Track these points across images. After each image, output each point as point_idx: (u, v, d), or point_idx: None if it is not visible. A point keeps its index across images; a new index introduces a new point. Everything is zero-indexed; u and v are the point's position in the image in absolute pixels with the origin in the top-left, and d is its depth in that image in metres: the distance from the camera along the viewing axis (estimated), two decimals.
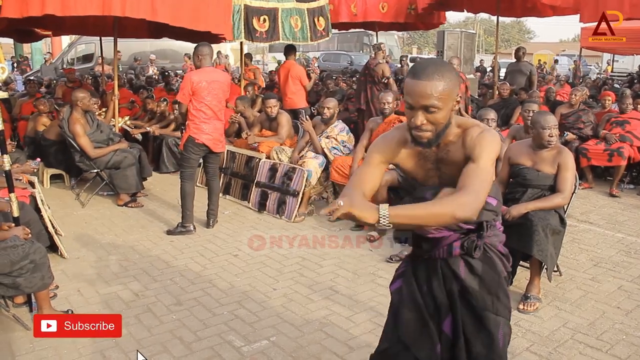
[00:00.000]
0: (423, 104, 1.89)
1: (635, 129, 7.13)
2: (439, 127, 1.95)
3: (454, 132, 2.04)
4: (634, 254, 5.00)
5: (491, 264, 2.14)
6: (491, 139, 1.97)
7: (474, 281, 2.12)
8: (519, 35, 64.96)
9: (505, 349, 2.16)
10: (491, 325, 2.11)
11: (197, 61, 5.38)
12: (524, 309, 3.88)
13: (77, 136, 6.14)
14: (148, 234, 5.46)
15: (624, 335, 3.55)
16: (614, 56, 23.31)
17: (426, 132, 1.95)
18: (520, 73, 10.16)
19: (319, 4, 8.30)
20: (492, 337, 2.10)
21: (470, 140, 1.99)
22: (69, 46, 19.41)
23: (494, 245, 2.16)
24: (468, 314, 2.13)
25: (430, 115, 1.91)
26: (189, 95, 5.27)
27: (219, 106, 5.41)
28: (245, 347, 3.40)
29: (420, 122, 1.92)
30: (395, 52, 26.00)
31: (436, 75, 1.88)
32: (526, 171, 4.15)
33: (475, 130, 2.01)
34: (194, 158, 5.47)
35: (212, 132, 5.38)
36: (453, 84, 1.92)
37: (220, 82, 5.40)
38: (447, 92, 1.90)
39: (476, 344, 2.10)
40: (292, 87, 8.82)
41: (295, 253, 4.97)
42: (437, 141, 2.00)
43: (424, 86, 1.88)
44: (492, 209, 2.11)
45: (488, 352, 2.10)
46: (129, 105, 9.58)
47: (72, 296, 4.07)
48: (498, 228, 2.20)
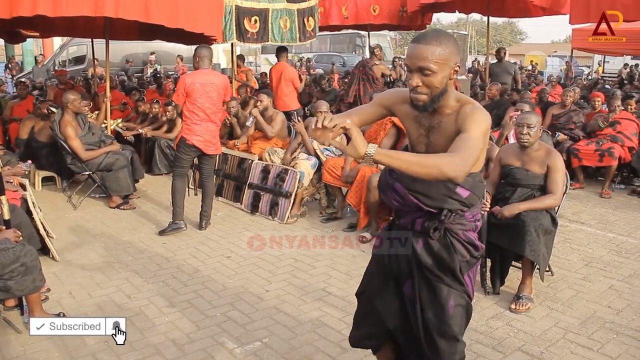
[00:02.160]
0: (419, 66, 2.02)
1: (626, 129, 7.18)
2: (434, 91, 2.06)
3: (451, 105, 2.15)
4: (625, 253, 5.04)
5: (448, 248, 2.24)
6: (482, 115, 2.08)
7: (428, 258, 2.25)
8: (510, 37, 65.17)
9: (457, 321, 2.26)
10: (442, 295, 2.24)
11: (195, 63, 5.44)
12: (516, 308, 3.90)
13: (68, 138, 6.11)
14: (140, 236, 5.45)
15: (614, 335, 3.57)
16: (604, 57, 23.42)
17: (421, 94, 2.07)
18: (505, 73, 10.19)
19: (309, 4, 8.31)
20: (442, 306, 2.24)
21: (463, 114, 2.09)
22: (61, 48, 19.32)
23: (456, 232, 2.25)
24: (423, 282, 2.28)
25: (425, 78, 2.03)
26: (182, 97, 5.32)
27: (212, 108, 5.40)
28: (238, 349, 3.40)
29: (415, 84, 2.05)
30: (388, 54, 25.96)
31: (434, 41, 2.01)
32: (515, 171, 4.18)
33: (469, 107, 2.12)
34: (185, 159, 5.51)
35: (203, 133, 5.39)
36: (450, 51, 2.04)
37: (215, 84, 5.39)
38: (443, 58, 2.01)
39: (428, 311, 2.27)
40: (284, 89, 8.82)
41: (288, 254, 4.96)
42: (432, 106, 2.10)
43: (421, 49, 2.01)
44: (458, 198, 2.19)
45: (437, 320, 2.24)
46: (121, 107, 9.55)
47: (63, 299, 4.06)
48: (469, 219, 2.27)
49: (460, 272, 2.26)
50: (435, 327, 2.24)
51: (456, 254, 2.24)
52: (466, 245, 2.26)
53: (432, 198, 2.18)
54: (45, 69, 17.11)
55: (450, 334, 2.24)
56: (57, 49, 20.04)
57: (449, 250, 2.24)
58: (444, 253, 2.24)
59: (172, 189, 5.51)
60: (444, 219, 2.20)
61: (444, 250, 2.24)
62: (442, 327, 2.23)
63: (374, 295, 2.45)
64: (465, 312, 2.29)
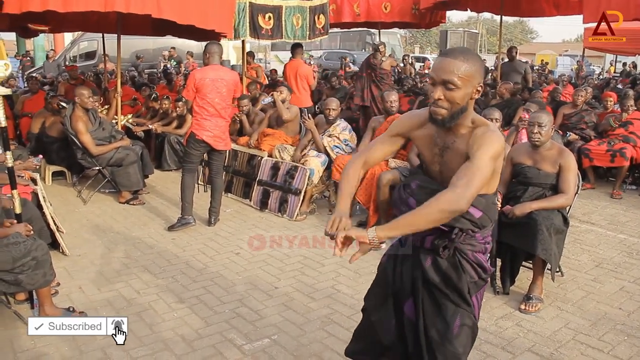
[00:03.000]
0: (443, 79, 2.02)
1: (638, 129, 7.12)
2: (455, 107, 2.06)
3: (467, 126, 2.14)
4: (636, 255, 5.00)
5: (456, 267, 2.23)
6: (493, 139, 2.06)
7: (435, 276, 2.24)
8: (521, 35, 64.85)
9: (463, 341, 2.22)
10: (448, 313, 2.22)
11: (206, 59, 5.48)
12: (526, 309, 3.88)
13: (79, 133, 6.13)
14: (150, 232, 5.46)
15: (625, 337, 3.55)
16: (616, 57, 23.26)
17: (442, 108, 2.07)
18: (515, 72, 10.14)
19: (321, 1, 8.30)
20: (447, 324, 2.21)
21: (474, 138, 2.08)
22: (72, 43, 19.39)
23: (465, 253, 2.23)
24: (428, 300, 2.26)
25: (448, 92, 2.03)
26: (193, 92, 5.35)
27: (222, 104, 5.41)
28: (246, 346, 3.40)
29: (438, 97, 2.05)
30: (398, 51, 25.97)
31: (461, 57, 2.03)
32: (527, 169, 4.16)
33: (482, 129, 2.11)
34: (195, 154, 5.53)
35: (213, 129, 5.40)
36: (476, 70, 2.05)
37: (225, 80, 5.41)
38: (468, 75, 2.02)
39: (431, 329, 2.23)
40: (299, 85, 8.80)
41: (297, 252, 4.96)
42: (450, 122, 2.09)
43: (447, 63, 2.02)
44: (470, 218, 2.16)
45: (441, 339, 2.20)
46: (131, 102, 9.58)
47: (73, 293, 4.07)
48: (479, 240, 2.25)
49: (469, 293, 2.24)
50: (439, 345, 2.20)
51: (465, 274, 2.22)
52: (475, 266, 2.25)
53: None
54: (56, 64, 17.18)
55: (453, 354, 2.19)
56: (68, 44, 20.12)
57: (457, 270, 2.22)
58: (452, 272, 2.22)
59: (182, 185, 5.55)
60: (454, 238, 2.18)
61: (452, 269, 2.22)
62: (446, 346, 2.19)
63: (372, 311, 2.45)
64: (471, 333, 2.26)
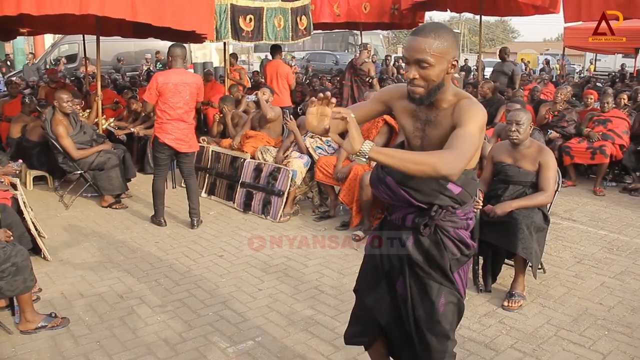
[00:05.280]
0: (416, 58, 2.02)
1: (617, 127, 7.21)
2: (431, 84, 2.06)
3: (448, 99, 2.15)
4: (616, 250, 5.06)
5: (438, 245, 2.24)
6: (479, 110, 2.08)
7: (418, 255, 2.25)
8: (503, 35, 65.37)
9: (449, 318, 2.26)
10: (433, 292, 2.25)
11: (168, 62, 5.51)
12: (509, 306, 3.91)
13: (60, 137, 6.08)
14: (133, 235, 5.43)
15: (606, 331, 3.59)
16: (596, 55, 23.54)
17: (418, 87, 2.07)
18: (502, 73, 10.27)
19: (303, 2, 8.32)
20: (432, 303, 2.24)
21: (459, 109, 2.09)
22: (52, 46, 19.20)
23: (446, 229, 2.24)
24: (413, 279, 2.29)
25: (422, 70, 2.03)
26: (155, 96, 5.39)
27: (185, 108, 5.45)
28: (230, 348, 3.40)
29: (412, 76, 2.05)
30: (381, 52, 26.08)
31: (432, 34, 2.01)
32: (507, 168, 4.19)
33: (466, 101, 2.12)
34: (160, 157, 5.60)
35: (174, 131, 5.45)
36: (448, 45, 2.03)
37: (188, 83, 5.43)
38: (441, 51, 2.01)
39: (419, 308, 2.27)
40: (280, 85, 8.82)
41: (281, 253, 4.96)
42: (428, 99, 2.10)
43: (418, 42, 2.02)
44: (450, 195, 2.18)
45: (427, 317, 2.25)
46: (113, 106, 9.50)
47: (55, 299, 4.03)
48: (460, 217, 2.25)
49: (450, 270, 2.26)
50: (426, 324, 2.24)
51: (446, 251, 2.23)
52: (457, 243, 2.25)
53: (423, 193, 2.17)
54: (36, 68, 17.01)
55: (440, 331, 2.24)
56: (48, 48, 19.92)
57: (439, 247, 2.23)
58: (434, 250, 2.23)
59: (152, 189, 5.67)
60: (434, 215, 2.19)
61: (434, 247, 2.23)
62: (432, 324, 2.24)
63: (365, 293, 2.47)
64: (456, 309, 2.29)
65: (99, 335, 3.53)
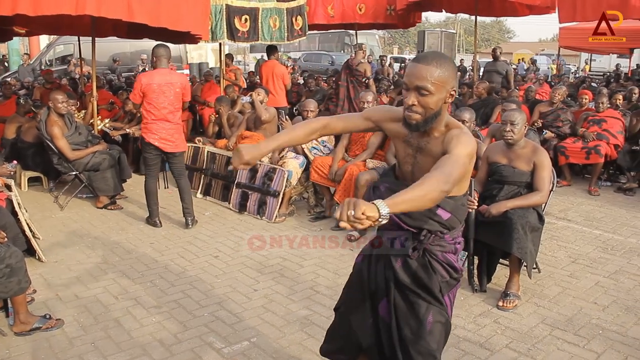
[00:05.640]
0: (417, 85, 2.03)
1: (611, 127, 7.23)
2: (429, 112, 2.07)
3: (440, 129, 2.16)
4: (611, 250, 5.08)
5: (426, 268, 2.24)
6: (468, 139, 2.08)
7: (406, 277, 2.25)
8: (499, 35, 65.54)
9: (436, 338, 2.23)
10: (421, 310, 2.23)
11: (153, 62, 5.53)
12: (503, 306, 3.92)
13: (55, 138, 6.07)
14: (128, 236, 5.42)
15: (600, 330, 3.60)
16: (591, 56, 23.62)
17: (416, 113, 2.07)
18: (496, 73, 10.29)
19: (298, 3, 8.33)
20: (420, 322, 2.22)
21: (449, 137, 2.10)
22: (48, 47, 19.16)
23: (435, 254, 2.24)
24: (401, 299, 2.27)
25: (422, 98, 2.04)
26: (139, 96, 5.42)
27: (169, 108, 5.45)
28: (225, 349, 3.39)
29: (411, 102, 2.06)
30: (376, 52, 26.10)
31: (434, 62, 2.03)
32: (502, 168, 4.20)
33: (456, 130, 2.13)
34: (149, 157, 5.62)
35: (159, 132, 5.46)
36: (449, 74, 2.05)
37: (173, 83, 5.43)
38: (441, 80, 2.03)
39: (405, 327, 2.24)
40: (275, 85, 8.81)
41: (276, 253, 4.96)
42: (424, 126, 2.10)
43: (420, 69, 2.03)
44: (439, 220, 2.17)
45: (414, 336, 2.22)
46: (108, 106, 9.47)
47: (50, 300, 4.02)
48: (449, 241, 2.26)
49: (441, 292, 2.25)
50: (413, 343, 2.21)
51: (435, 274, 2.24)
52: (445, 266, 2.26)
53: (413, 218, 2.17)
54: (31, 68, 16.96)
55: (427, 351, 2.20)
56: (43, 48, 19.87)
57: (427, 271, 2.23)
58: (422, 273, 2.23)
59: (145, 190, 5.68)
60: (423, 240, 2.20)
61: (422, 269, 2.23)
62: (420, 343, 2.20)
63: (350, 312, 2.45)
64: (444, 330, 2.27)
65: (94, 336, 3.53)
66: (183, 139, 5.76)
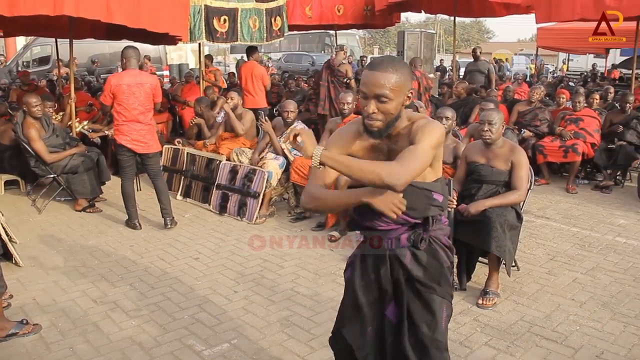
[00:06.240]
0: (375, 93, 2.03)
1: (588, 126, 7.33)
2: (389, 117, 2.08)
3: (404, 125, 2.17)
4: (588, 247, 5.15)
5: (435, 255, 2.26)
6: (433, 127, 2.10)
7: (419, 270, 2.23)
8: (478, 35, 66.10)
9: (445, 331, 2.26)
10: (436, 306, 2.23)
11: (123, 64, 5.52)
12: (483, 304, 3.95)
13: (31, 141, 5.99)
14: (107, 239, 5.37)
15: (577, 326, 3.65)
16: (569, 55, 23.90)
17: (377, 121, 2.08)
18: (478, 72, 10.39)
19: (278, 3, 8.33)
20: (436, 318, 2.22)
21: (415, 128, 2.12)
22: (24, 48, 18.92)
23: (439, 238, 2.28)
24: (415, 299, 2.24)
25: (381, 104, 2.04)
26: (110, 98, 5.38)
27: (140, 109, 5.42)
28: (206, 351, 3.38)
29: (372, 110, 2.05)
30: (357, 52, 26.16)
31: (390, 68, 2.03)
32: (481, 167, 4.24)
33: (421, 121, 2.14)
34: (123, 159, 5.59)
35: (130, 133, 5.43)
36: (405, 79, 2.06)
37: (143, 84, 5.41)
38: (399, 85, 2.03)
39: (422, 326, 2.21)
40: (255, 86, 8.80)
41: (256, 255, 4.95)
42: (386, 132, 2.12)
43: (377, 77, 2.02)
44: (437, 204, 2.22)
45: (433, 333, 2.22)
46: (87, 108, 9.37)
47: (27, 305, 3.97)
48: (443, 222, 2.32)
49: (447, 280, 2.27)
50: (431, 340, 2.19)
51: (441, 259, 2.25)
52: (446, 249, 2.29)
53: (418, 210, 2.18)
54: (7, 70, 16.74)
55: (442, 345, 2.22)
56: (20, 50, 19.62)
57: (437, 258, 2.25)
58: (433, 261, 2.24)
59: (122, 193, 5.66)
60: (429, 227, 2.22)
61: (432, 258, 2.24)
62: (437, 338, 2.20)
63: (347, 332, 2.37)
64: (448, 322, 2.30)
65: (72, 341, 3.49)
66: (156, 140, 5.72)
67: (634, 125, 7.28)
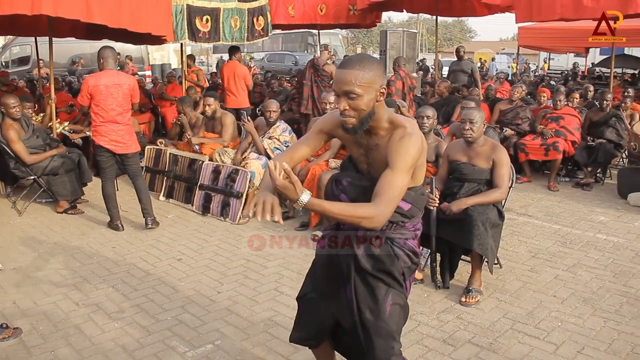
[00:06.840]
0: (344, 90, 2.08)
1: (569, 124, 7.42)
2: (362, 113, 2.12)
3: (385, 127, 2.21)
4: (569, 244, 5.20)
5: (389, 253, 2.30)
6: (409, 144, 2.13)
7: (367, 263, 2.29)
8: (460, 35, 66.52)
9: (395, 319, 2.30)
10: (380, 293, 2.30)
11: (100, 64, 5.44)
12: (466, 301, 3.98)
13: (11, 142, 5.92)
14: (89, 241, 5.32)
15: (559, 323, 3.69)
16: (549, 55, 24.15)
17: (350, 117, 2.12)
18: (462, 72, 10.44)
19: (260, 3, 8.32)
20: (379, 305, 2.28)
21: (392, 144, 2.15)
22: (3, 48, 18.68)
23: (396, 241, 2.31)
24: (361, 283, 2.32)
25: (352, 101, 2.09)
26: (87, 99, 5.34)
27: (118, 109, 5.39)
28: (189, 352, 3.36)
29: (343, 107, 2.10)
30: (340, 52, 26.18)
31: (357, 65, 2.08)
32: (462, 166, 4.26)
33: (399, 132, 2.17)
34: (102, 160, 5.55)
35: (108, 134, 5.40)
36: (374, 74, 2.09)
37: (120, 85, 5.37)
38: (367, 81, 2.07)
39: (365, 309, 2.30)
40: (237, 86, 8.77)
41: (240, 255, 4.93)
42: (361, 128, 2.16)
43: (345, 74, 2.08)
44: (400, 211, 2.26)
45: (374, 318, 2.28)
46: (68, 109, 9.27)
47: (7, 309, 3.92)
48: (409, 229, 2.35)
49: (403, 276, 2.33)
50: (373, 325, 2.27)
51: (398, 260, 2.30)
52: (407, 252, 2.32)
53: None
54: None
55: (387, 332, 2.26)
56: None
57: (390, 257, 2.29)
58: (385, 258, 2.28)
59: (102, 194, 5.63)
60: (385, 230, 2.28)
61: (384, 255, 2.28)
62: (379, 325, 2.26)
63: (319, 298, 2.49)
64: (402, 312, 2.34)
65: (54, 344, 3.45)
66: (135, 140, 5.67)
67: (612, 123, 7.38)
